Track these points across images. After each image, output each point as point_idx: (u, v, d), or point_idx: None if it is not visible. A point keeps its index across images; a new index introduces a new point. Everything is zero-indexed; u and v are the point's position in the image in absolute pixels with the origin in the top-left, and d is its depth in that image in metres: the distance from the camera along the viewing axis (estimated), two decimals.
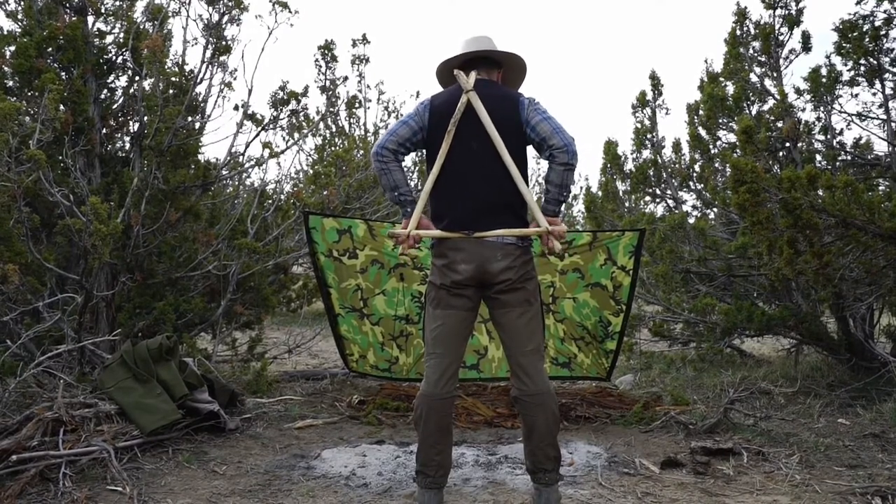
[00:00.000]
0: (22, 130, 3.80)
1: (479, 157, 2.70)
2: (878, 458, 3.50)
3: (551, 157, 2.67)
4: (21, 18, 4.96)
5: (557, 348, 4.75)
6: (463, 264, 2.68)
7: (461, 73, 2.77)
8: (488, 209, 2.70)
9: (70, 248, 4.73)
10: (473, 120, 2.70)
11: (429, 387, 2.72)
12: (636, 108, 7.13)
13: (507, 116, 2.71)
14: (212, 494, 3.04)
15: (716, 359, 5.65)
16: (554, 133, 2.65)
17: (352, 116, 11.68)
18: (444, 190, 2.74)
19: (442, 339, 2.73)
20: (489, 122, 2.68)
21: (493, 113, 2.69)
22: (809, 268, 3.96)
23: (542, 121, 2.68)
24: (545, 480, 2.73)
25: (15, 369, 3.56)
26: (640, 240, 4.38)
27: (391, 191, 2.79)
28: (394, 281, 4.72)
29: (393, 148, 2.74)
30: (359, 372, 5.07)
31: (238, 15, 5.09)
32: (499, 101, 2.73)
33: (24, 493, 2.90)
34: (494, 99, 2.73)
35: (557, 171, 2.67)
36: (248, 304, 5.30)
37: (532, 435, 2.71)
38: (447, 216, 2.73)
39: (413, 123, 2.77)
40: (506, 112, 2.71)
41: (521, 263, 2.72)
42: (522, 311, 2.73)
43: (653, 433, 4.06)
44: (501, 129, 2.68)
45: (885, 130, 5.04)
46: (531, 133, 2.70)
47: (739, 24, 5.74)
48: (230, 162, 5.48)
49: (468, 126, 2.70)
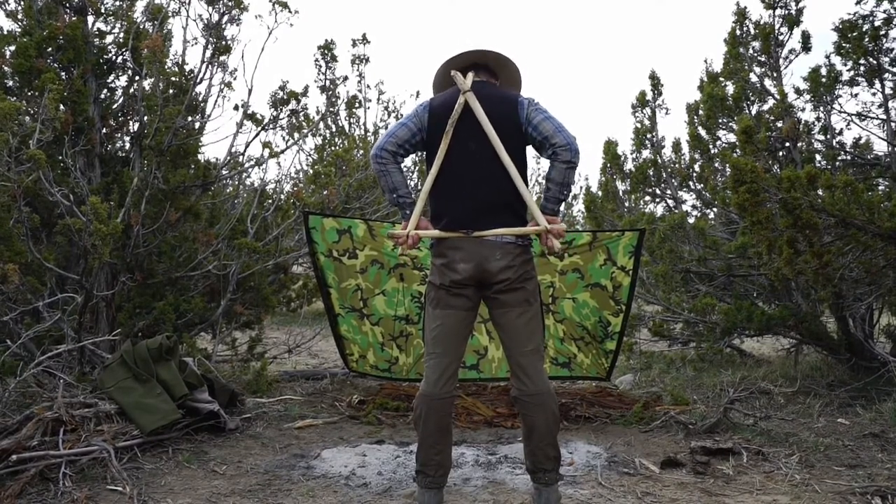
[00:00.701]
0: (22, 130, 3.80)
1: (477, 157, 2.71)
2: (878, 458, 3.50)
3: (554, 154, 2.67)
4: (21, 18, 4.96)
5: (557, 348, 4.75)
6: (462, 263, 2.69)
7: (458, 74, 2.77)
8: (487, 209, 2.70)
9: (70, 247, 4.73)
10: (471, 120, 2.70)
11: (428, 387, 2.72)
12: (636, 107, 7.14)
13: (506, 116, 2.71)
14: (212, 494, 3.04)
15: (716, 359, 5.65)
16: (556, 131, 2.66)
17: (352, 116, 11.69)
18: (442, 190, 2.75)
19: (441, 338, 2.73)
20: (487, 122, 2.68)
21: (491, 113, 2.70)
22: (809, 268, 3.96)
23: (543, 120, 2.68)
24: (545, 480, 2.73)
25: (15, 369, 3.56)
26: (639, 240, 4.38)
27: (390, 193, 2.79)
28: (394, 281, 4.72)
29: (392, 150, 2.74)
30: (359, 372, 5.07)
31: (238, 15, 5.09)
32: (497, 102, 2.74)
33: (24, 492, 2.90)
34: (492, 99, 2.74)
35: (559, 169, 2.68)
36: (248, 304, 5.30)
37: (532, 435, 2.71)
38: (446, 216, 2.73)
39: (412, 125, 2.77)
40: (504, 112, 2.72)
41: (521, 263, 2.72)
42: (522, 310, 2.73)
43: (653, 433, 4.06)
44: (499, 129, 2.69)
45: (885, 130, 5.04)
46: (533, 132, 2.70)
47: (739, 24, 5.74)
48: (230, 162, 5.48)
49: (466, 126, 2.70)
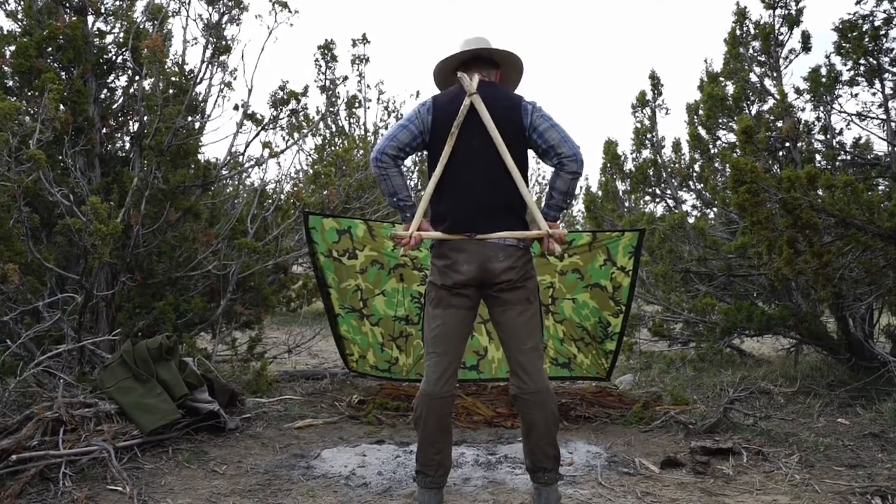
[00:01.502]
0: (22, 130, 3.80)
1: (481, 159, 2.70)
2: (878, 458, 3.51)
3: (560, 164, 2.69)
4: (21, 18, 4.96)
5: (557, 349, 4.75)
6: (465, 265, 2.69)
7: (464, 75, 2.77)
8: (490, 211, 2.70)
9: (70, 247, 4.73)
10: (476, 123, 2.69)
11: (428, 386, 2.72)
12: (636, 107, 7.14)
13: (510, 120, 2.71)
14: (212, 494, 3.04)
15: (715, 358, 5.65)
16: (562, 142, 2.68)
17: (352, 116, 11.69)
18: (446, 192, 2.74)
19: (442, 338, 2.73)
20: (493, 125, 2.68)
21: (496, 116, 2.69)
22: (809, 268, 3.96)
23: (549, 128, 2.70)
24: (544, 479, 2.73)
25: (15, 369, 3.56)
26: (639, 240, 4.38)
27: (390, 196, 2.79)
28: (393, 281, 4.72)
29: (393, 154, 2.72)
30: (359, 372, 5.07)
31: (238, 15, 5.09)
32: (501, 105, 2.74)
33: (24, 492, 2.90)
34: (497, 102, 2.73)
35: (565, 180, 2.70)
36: (247, 304, 5.30)
37: (531, 433, 2.71)
38: (449, 218, 2.73)
39: (413, 127, 2.75)
40: (508, 116, 2.71)
41: (522, 263, 2.74)
42: (522, 309, 2.73)
43: (653, 433, 4.06)
44: (504, 132, 2.68)
45: (885, 130, 5.04)
46: (538, 139, 2.71)
47: (739, 24, 5.74)
48: (230, 162, 5.48)
49: (470, 129, 2.70)
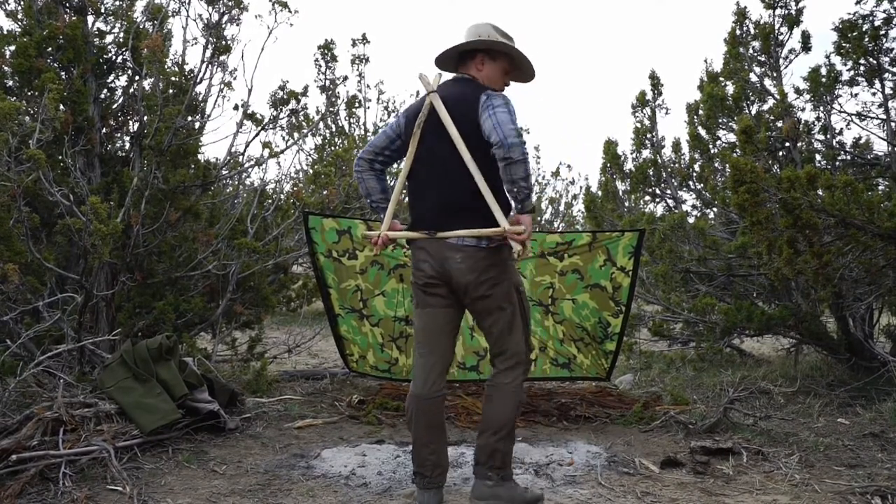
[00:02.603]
0: (22, 130, 3.80)
1: (440, 158, 2.71)
2: (878, 458, 3.51)
3: (495, 153, 2.57)
4: (21, 18, 4.96)
5: (557, 349, 4.75)
6: (425, 263, 2.73)
7: (424, 74, 2.81)
8: (452, 210, 2.71)
9: (70, 247, 4.73)
10: (437, 122, 2.70)
11: (416, 388, 2.74)
12: (636, 107, 7.13)
13: (466, 115, 2.66)
14: (212, 494, 3.04)
15: (715, 358, 5.65)
16: (493, 129, 2.53)
17: (352, 116, 11.67)
18: (411, 192, 2.83)
19: (424, 338, 2.77)
20: (450, 122, 2.66)
21: (454, 113, 2.68)
22: (809, 268, 3.96)
23: (487, 118, 2.58)
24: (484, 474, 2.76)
25: (15, 369, 3.56)
26: (639, 240, 4.37)
27: (366, 197, 2.90)
28: (393, 282, 4.72)
29: (368, 158, 2.85)
30: (359, 372, 5.07)
31: (238, 15, 5.08)
32: (459, 101, 2.70)
33: (24, 492, 2.90)
34: (455, 98, 2.71)
35: (501, 168, 2.57)
36: (247, 304, 5.30)
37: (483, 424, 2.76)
38: (412, 217, 2.81)
39: (390, 132, 2.85)
40: (465, 111, 2.67)
41: (484, 268, 2.67)
42: (495, 318, 2.75)
43: (652, 433, 4.06)
44: (461, 128, 2.65)
45: (885, 130, 5.04)
46: (483, 132, 2.61)
47: (739, 24, 5.74)
48: (230, 162, 5.48)
49: (432, 128, 2.72)
